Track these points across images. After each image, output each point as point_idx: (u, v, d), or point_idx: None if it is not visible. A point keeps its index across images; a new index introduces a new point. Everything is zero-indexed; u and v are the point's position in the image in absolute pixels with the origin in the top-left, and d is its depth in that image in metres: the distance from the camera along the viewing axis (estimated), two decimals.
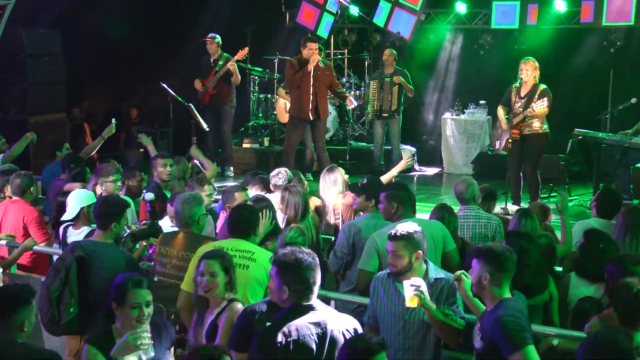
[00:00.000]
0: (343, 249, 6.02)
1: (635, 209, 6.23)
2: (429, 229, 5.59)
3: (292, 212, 6.52)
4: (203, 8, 13.78)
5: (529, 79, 9.29)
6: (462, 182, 6.75)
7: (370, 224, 5.99)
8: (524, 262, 5.20)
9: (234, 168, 12.28)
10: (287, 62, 10.86)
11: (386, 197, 5.76)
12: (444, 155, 12.81)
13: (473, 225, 6.52)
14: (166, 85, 11.33)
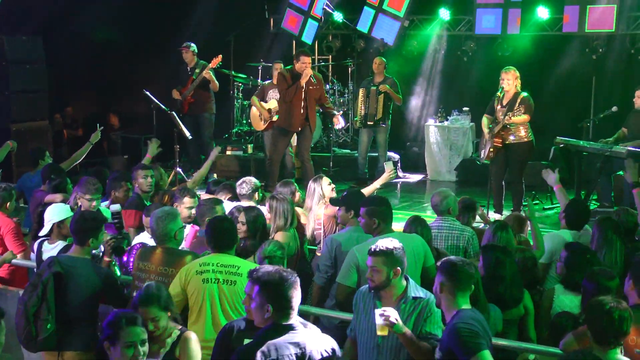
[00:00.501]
0: (326, 263, 6.01)
1: (608, 218, 6.25)
2: (410, 243, 5.59)
3: (281, 220, 6.54)
4: (187, 15, 13.73)
5: (511, 87, 9.34)
6: (437, 194, 6.75)
7: (352, 238, 5.97)
8: (499, 274, 5.24)
9: (218, 175, 12.27)
10: (279, 74, 10.77)
11: (367, 213, 5.74)
12: (428, 162, 12.84)
13: (446, 236, 6.53)
14: (149, 92, 11.36)
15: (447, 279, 4.39)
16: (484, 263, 5.30)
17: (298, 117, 10.52)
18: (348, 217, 6.15)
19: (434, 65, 14.32)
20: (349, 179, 12.22)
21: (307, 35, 14.45)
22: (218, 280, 5.11)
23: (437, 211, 6.72)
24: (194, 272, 5.12)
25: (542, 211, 10.45)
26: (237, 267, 5.15)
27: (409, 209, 10.49)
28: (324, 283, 6.04)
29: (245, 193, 7.38)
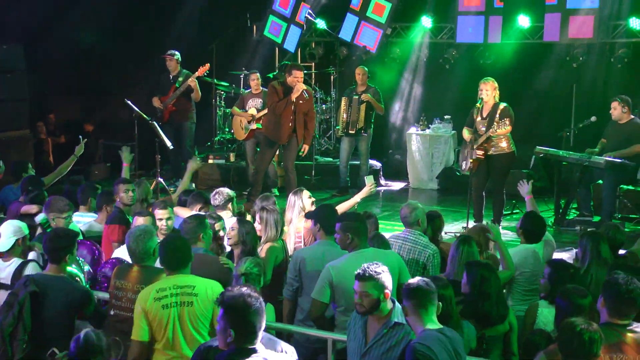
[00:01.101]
0: (290, 276, 6.06)
1: (599, 233, 6.30)
2: (385, 260, 5.61)
3: (272, 231, 6.59)
4: (169, 23, 13.73)
5: (489, 98, 9.39)
6: (406, 206, 6.77)
7: (317, 252, 6.02)
8: (485, 292, 5.27)
9: (200, 184, 12.29)
10: (270, 86, 10.73)
11: (341, 228, 5.77)
12: (410, 170, 12.88)
13: (409, 249, 6.56)
14: (131, 102, 11.33)
15: (408, 301, 4.48)
16: (468, 280, 5.32)
17: (286, 130, 10.53)
18: (315, 230, 6.19)
19: (416, 73, 14.36)
20: (331, 188, 12.25)
21: (290, 43, 14.45)
22: (176, 303, 5.06)
23: (405, 223, 6.73)
24: (152, 298, 5.06)
25: None
26: (193, 287, 5.12)
27: (390, 218, 10.51)
28: (290, 296, 6.08)
29: (218, 204, 7.42)
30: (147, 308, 5.05)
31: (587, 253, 5.95)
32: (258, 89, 11.87)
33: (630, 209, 10.27)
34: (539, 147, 10.36)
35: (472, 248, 5.99)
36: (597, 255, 5.92)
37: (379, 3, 13.66)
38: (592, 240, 5.98)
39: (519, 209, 10.83)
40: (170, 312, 5.06)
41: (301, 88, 10.36)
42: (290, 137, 10.64)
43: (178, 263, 5.23)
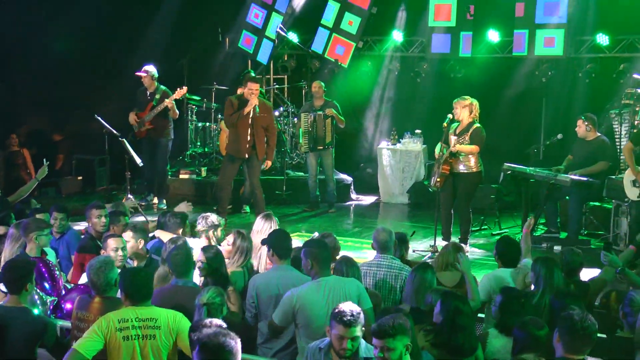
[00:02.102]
0: (249, 301, 6.10)
1: (546, 259, 6.35)
2: (344, 287, 5.68)
3: (241, 259, 6.63)
4: (140, 36, 13.69)
5: (463, 117, 9.43)
6: (378, 231, 6.78)
7: (272, 277, 6.05)
8: (459, 324, 5.28)
9: (172, 199, 12.26)
10: (227, 100, 10.80)
11: (304, 254, 5.83)
12: (381, 184, 12.93)
13: (385, 275, 6.59)
14: (102, 117, 11.33)
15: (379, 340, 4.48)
16: (442, 310, 5.28)
17: (244, 145, 10.54)
18: (270, 255, 6.21)
19: (387, 86, 14.44)
20: (302, 202, 12.29)
21: (262, 55, 14.50)
22: (138, 336, 5.05)
23: (377, 248, 6.76)
24: (113, 327, 5.03)
25: (490, 237, 10.59)
26: (155, 319, 5.11)
27: (360, 235, 10.56)
28: (251, 321, 6.11)
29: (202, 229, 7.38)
30: (107, 335, 5.02)
31: (540, 280, 6.00)
32: None
33: (596, 225, 10.38)
34: (507, 163, 10.42)
35: (426, 275, 6.01)
36: (550, 282, 5.97)
37: (350, 17, 13.75)
38: (545, 266, 6.02)
39: (487, 225, 10.92)
40: (132, 344, 5.04)
41: (254, 103, 10.39)
42: (251, 153, 10.62)
43: (140, 296, 5.22)
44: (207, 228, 7.32)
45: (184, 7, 13.87)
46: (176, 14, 13.86)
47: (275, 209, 12.05)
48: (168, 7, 13.90)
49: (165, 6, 13.90)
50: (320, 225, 11.22)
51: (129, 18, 13.68)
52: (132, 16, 13.69)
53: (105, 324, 5.05)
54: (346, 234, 10.61)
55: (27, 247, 6.83)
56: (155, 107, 11.57)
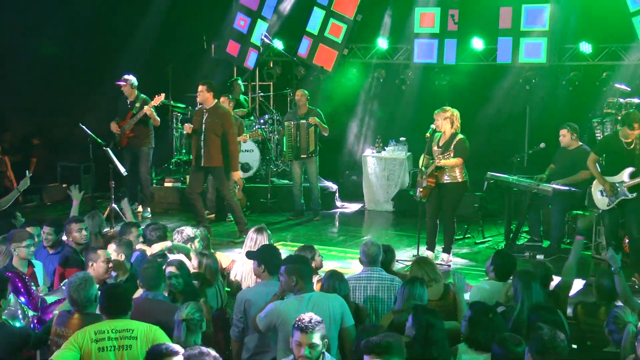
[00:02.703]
0: (236, 317, 6.10)
1: (524, 272, 6.37)
2: (327, 304, 5.70)
3: (211, 277, 6.60)
4: (125, 44, 13.68)
5: (445, 129, 9.45)
6: (365, 245, 6.78)
7: (260, 293, 6.05)
8: (432, 339, 5.30)
9: (157, 208, 12.28)
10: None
11: (286, 271, 5.82)
12: (365, 192, 12.95)
13: (377, 287, 6.56)
14: (86, 125, 11.31)
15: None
16: (414, 324, 5.30)
17: (199, 150, 10.45)
18: (260, 271, 6.23)
19: (373, 94, 14.48)
20: (287, 210, 12.30)
21: (248, 62, 14.52)
22: (114, 347, 5.06)
23: (366, 262, 6.74)
24: (88, 339, 5.05)
25: (473, 245, 10.64)
26: (132, 330, 5.13)
27: (344, 244, 10.58)
28: (237, 337, 6.12)
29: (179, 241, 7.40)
30: (83, 346, 5.03)
31: (518, 294, 6.02)
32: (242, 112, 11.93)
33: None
34: (490, 172, 10.47)
35: (415, 289, 6.00)
36: (528, 296, 5.99)
37: (335, 24, 13.80)
38: (522, 280, 6.04)
39: (470, 234, 10.96)
40: (107, 355, 5.06)
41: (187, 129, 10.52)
42: (208, 164, 10.44)
43: (118, 310, 5.23)
44: (183, 242, 7.32)
45: (168, 14, 13.88)
46: (161, 21, 13.87)
47: (260, 217, 12.13)
48: (153, 14, 13.92)
49: (150, 14, 13.91)
50: (305, 233, 11.25)
51: (113, 25, 13.68)
52: (117, 24, 13.69)
53: (82, 336, 5.09)
54: (331, 243, 10.64)
55: (13, 259, 6.85)
56: (135, 115, 11.58)
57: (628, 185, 8.74)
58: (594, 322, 5.98)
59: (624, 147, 8.82)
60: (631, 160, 8.77)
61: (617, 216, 9.03)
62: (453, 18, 13.11)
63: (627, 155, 8.82)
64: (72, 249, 7.41)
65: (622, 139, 8.84)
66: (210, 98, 10.43)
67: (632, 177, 8.73)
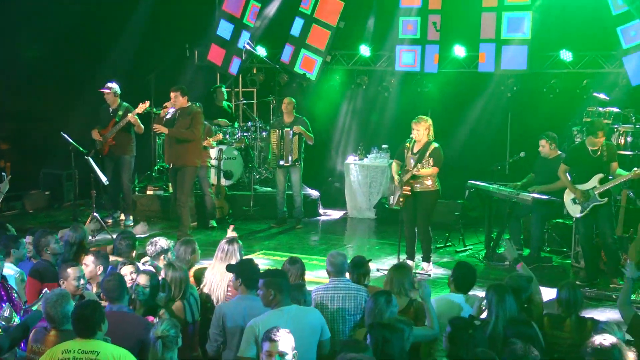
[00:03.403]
0: (214, 331, 6.10)
1: (498, 286, 6.38)
2: (306, 317, 5.73)
3: (178, 290, 6.58)
4: (108, 51, 13.66)
5: (421, 137, 9.49)
6: (332, 255, 6.78)
7: (238, 307, 6.06)
8: (387, 352, 5.33)
9: (139, 215, 12.26)
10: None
11: (264, 284, 5.82)
12: (348, 199, 12.98)
13: (344, 297, 6.58)
14: (68, 132, 11.30)
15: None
16: (371, 341, 5.32)
17: (166, 151, 10.87)
18: (237, 284, 6.23)
19: (356, 100, 14.52)
20: (270, 218, 12.30)
21: (232, 68, 14.52)
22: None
23: (333, 272, 6.74)
24: (57, 357, 5.10)
25: (454, 254, 10.68)
26: (97, 352, 5.13)
27: (325, 253, 10.53)
28: (214, 352, 6.12)
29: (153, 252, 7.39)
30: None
31: (492, 307, 6.03)
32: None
33: (558, 242, 10.50)
34: (471, 181, 10.54)
35: (379, 300, 5.96)
36: (502, 310, 6.01)
37: (318, 31, 13.81)
38: (496, 294, 6.05)
39: (451, 242, 11.00)
40: None
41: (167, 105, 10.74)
42: (175, 159, 10.74)
43: (86, 331, 5.23)
44: (155, 253, 7.31)
45: (151, 22, 13.85)
46: (143, 29, 13.84)
47: (242, 224, 12.13)
48: (135, 22, 13.89)
49: (133, 21, 13.88)
50: (287, 242, 11.26)
51: (96, 33, 13.63)
52: (99, 31, 13.65)
53: (50, 354, 5.14)
54: (312, 251, 10.65)
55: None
56: (117, 123, 11.58)
57: (599, 191, 8.92)
58: (560, 334, 6.00)
59: (590, 156, 9.05)
60: (599, 168, 9.01)
61: (591, 223, 9.17)
62: (435, 26, 13.14)
63: (594, 163, 9.05)
64: (49, 262, 7.38)
65: (588, 147, 9.05)
66: (185, 102, 10.72)
67: (602, 183, 8.93)
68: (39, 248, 7.38)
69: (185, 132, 10.67)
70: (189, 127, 10.58)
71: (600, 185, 8.92)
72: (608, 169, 9.04)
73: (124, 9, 13.88)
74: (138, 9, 13.96)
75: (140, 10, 13.96)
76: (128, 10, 13.92)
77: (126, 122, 11.47)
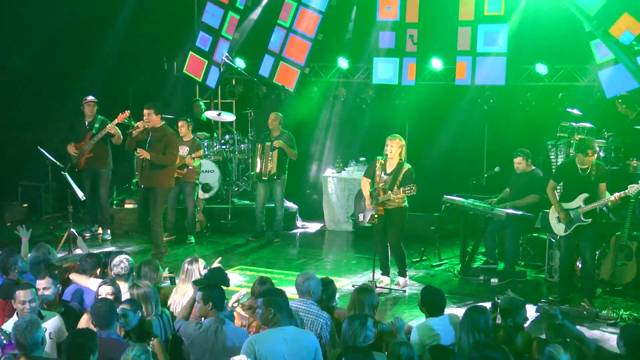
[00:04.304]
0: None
1: (474, 308, 6.44)
2: (303, 340, 5.78)
3: (149, 307, 6.60)
4: (86, 64, 13.65)
5: (394, 156, 9.53)
6: (301, 275, 6.80)
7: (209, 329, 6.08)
8: None
9: (117, 229, 12.27)
10: None
11: (264, 303, 5.84)
12: (326, 212, 13.04)
13: (302, 319, 6.60)
14: (46, 146, 11.29)
15: None
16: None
17: (139, 170, 10.68)
18: (208, 309, 6.21)
19: (334, 113, 14.57)
20: (248, 232, 12.34)
21: (210, 80, 14.55)
22: None
23: (298, 292, 6.77)
24: None
25: (429, 268, 10.75)
26: None
27: (301, 267, 10.63)
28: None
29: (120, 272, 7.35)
30: None
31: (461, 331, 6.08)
32: (188, 136, 11.89)
33: (532, 256, 10.60)
34: (446, 196, 10.62)
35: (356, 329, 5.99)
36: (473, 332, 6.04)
37: (296, 43, 13.87)
38: (466, 317, 6.10)
39: (427, 256, 11.07)
40: None
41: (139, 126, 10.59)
42: (148, 181, 10.57)
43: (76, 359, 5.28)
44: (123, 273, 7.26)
45: (129, 35, 13.85)
46: (121, 42, 13.85)
47: (220, 238, 12.21)
48: (113, 35, 13.89)
49: (111, 35, 13.88)
50: (264, 256, 11.31)
51: (75, 45, 13.59)
52: (78, 43, 13.61)
53: None
54: (289, 267, 10.69)
55: None
56: (95, 135, 11.58)
57: (583, 210, 8.83)
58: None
59: (579, 174, 8.92)
60: (586, 187, 8.87)
61: (573, 241, 9.09)
62: (412, 38, 13.22)
63: (582, 182, 8.91)
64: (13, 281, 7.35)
65: (578, 165, 8.94)
66: (158, 120, 10.53)
67: (587, 203, 8.82)
68: (5, 267, 7.38)
69: (163, 158, 10.46)
70: (164, 153, 10.42)
71: (585, 205, 8.82)
72: (595, 189, 8.85)
73: (102, 23, 13.88)
74: (116, 23, 13.97)
75: (119, 24, 13.97)
76: (106, 23, 13.92)
77: (105, 133, 11.45)
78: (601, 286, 9.41)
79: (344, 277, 10.20)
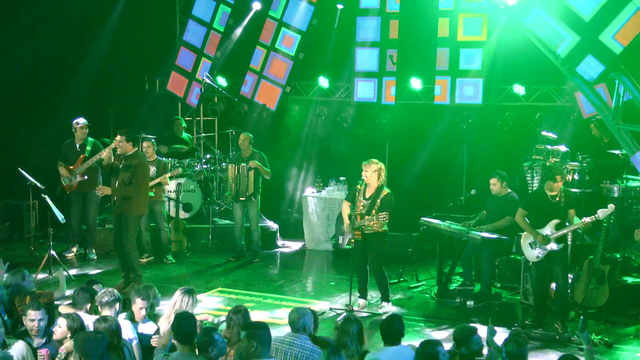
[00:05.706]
0: None
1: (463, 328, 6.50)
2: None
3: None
4: (67, 83, 13.70)
5: (372, 180, 9.61)
6: (295, 311, 6.85)
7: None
8: None
9: (98, 250, 12.30)
10: None
11: (246, 336, 5.89)
12: (306, 231, 13.12)
13: (296, 354, 6.70)
14: (26, 167, 11.32)
15: None
16: None
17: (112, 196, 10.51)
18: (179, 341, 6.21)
19: (314, 131, 14.67)
20: (228, 251, 12.39)
21: (193, 98, 14.63)
22: None
23: (292, 328, 6.83)
24: None
25: (407, 290, 10.84)
26: None
27: (281, 290, 10.71)
28: None
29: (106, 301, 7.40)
30: None
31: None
32: (152, 157, 11.95)
33: (508, 278, 10.70)
34: (423, 218, 10.71)
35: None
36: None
37: (278, 62, 13.99)
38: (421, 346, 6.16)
39: (404, 277, 11.17)
40: None
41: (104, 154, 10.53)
42: (119, 208, 10.42)
43: None
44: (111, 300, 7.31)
45: (111, 53, 13.92)
46: (103, 60, 13.92)
47: (201, 258, 12.26)
48: (95, 53, 13.95)
49: (92, 53, 13.95)
50: (245, 277, 11.36)
51: (56, 64, 13.64)
52: (60, 62, 13.65)
53: None
54: (267, 289, 10.73)
55: None
56: (89, 158, 11.60)
57: (554, 236, 8.92)
58: None
59: (549, 201, 8.99)
60: (556, 213, 8.96)
61: (544, 267, 9.16)
62: (392, 58, 13.34)
63: (552, 209, 8.99)
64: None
65: (547, 192, 9.02)
66: (129, 147, 10.36)
67: (558, 229, 8.93)
68: None
69: (126, 190, 10.25)
70: (129, 183, 10.22)
71: (556, 230, 8.91)
72: (565, 215, 8.95)
73: (84, 41, 13.94)
74: (98, 40, 14.03)
75: (100, 42, 14.05)
76: (88, 41, 13.98)
77: (99, 157, 11.27)
78: (575, 309, 9.52)
79: (322, 299, 10.25)
